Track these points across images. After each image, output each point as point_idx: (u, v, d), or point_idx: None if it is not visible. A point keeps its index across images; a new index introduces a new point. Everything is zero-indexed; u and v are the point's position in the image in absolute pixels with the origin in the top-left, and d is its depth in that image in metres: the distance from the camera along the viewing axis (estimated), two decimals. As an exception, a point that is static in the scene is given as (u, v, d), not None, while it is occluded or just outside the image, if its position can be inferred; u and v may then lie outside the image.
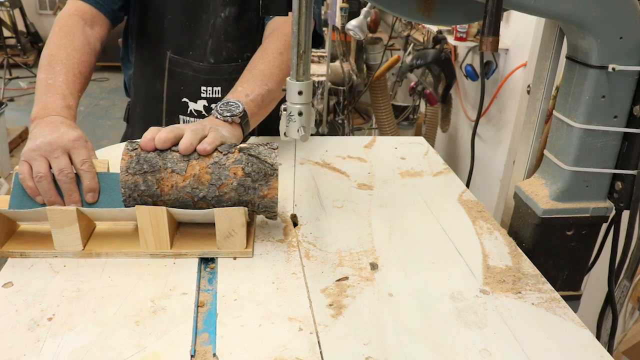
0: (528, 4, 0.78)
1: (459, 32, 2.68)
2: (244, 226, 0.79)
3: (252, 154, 0.79)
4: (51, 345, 0.63)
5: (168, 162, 0.78)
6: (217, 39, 1.26)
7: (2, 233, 0.79)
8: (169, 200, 0.79)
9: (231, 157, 0.79)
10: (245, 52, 1.29)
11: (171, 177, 0.78)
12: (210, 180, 0.78)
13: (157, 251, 0.80)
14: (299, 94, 0.80)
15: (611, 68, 0.81)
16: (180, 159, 0.78)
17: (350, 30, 2.84)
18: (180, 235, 0.84)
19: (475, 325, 0.71)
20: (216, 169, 0.78)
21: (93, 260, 0.79)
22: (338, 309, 0.72)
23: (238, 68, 1.28)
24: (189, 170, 0.78)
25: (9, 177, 3.55)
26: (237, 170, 0.78)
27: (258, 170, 0.78)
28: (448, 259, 0.85)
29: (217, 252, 0.81)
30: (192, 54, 1.27)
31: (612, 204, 0.92)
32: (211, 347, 0.65)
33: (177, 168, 0.78)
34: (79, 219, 0.77)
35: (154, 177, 0.78)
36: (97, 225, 0.86)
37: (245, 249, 0.81)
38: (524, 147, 1.01)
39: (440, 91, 2.94)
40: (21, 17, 6.07)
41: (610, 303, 0.99)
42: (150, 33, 1.28)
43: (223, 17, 1.24)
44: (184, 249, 0.81)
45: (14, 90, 5.33)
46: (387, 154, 1.24)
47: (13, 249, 0.79)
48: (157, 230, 0.78)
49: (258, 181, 0.78)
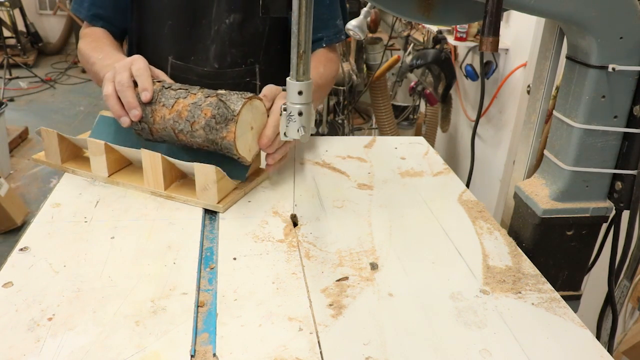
0: (528, 4, 0.78)
1: (459, 32, 2.68)
2: (215, 183, 0.91)
3: (222, 99, 0.91)
4: (51, 345, 0.63)
5: (163, 97, 0.94)
6: (221, 44, 1.27)
7: (65, 154, 1.03)
8: (159, 129, 0.95)
9: (208, 100, 0.92)
10: (248, 57, 1.30)
11: (161, 110, 0.94)
12: (186, 117, 0.92)
13: (155, 190, 0.96)
14: (299, 94, 0.80)
15: (611, 68, 0.81)
16: (173, 95, 0.93)
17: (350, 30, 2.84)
18: (180, 184, 0.99)
19: (475, 325, 0.71)
20: (193, 108, 0.92)
21: (93, 259, 0.79)
22: (338, 309, 0.72)
23: (242, 73, 1.31)
24: (175, 106, 0.93)
25: (9, 177, 3.55)
26: (207, 112, 0.91)
27: (222, 114, 0.90)
28: (448, 259, 0.85)
29: (196, 201, 0.94)
30: (193, 59, 1.28)
31: (612, 204, 0.92)
32: (211, 347, 0.65)
33: (167, 103, 0.93)
34: (107, 151, 0.97)
35: (150, 108, 0.95)
36: (131, 164, 1.04)
37: (217, 204, 0.93)
38: (524, 147, 1.01)
39: (440, 91, 2.94)
40: (21, 17, 6.07)
41: (610, 303, 0.99)
42: (151, 39, 1.30)
43: (227, 23, 1.25)
44: (174, 193, 0.96)
45: (14, 90, 5.33)
46: (387, 154, 1.24)
47: (69, 166, 1.03)
48: (155, 172, 0.95)
49: (220, 123, 0.90)
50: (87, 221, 0.89)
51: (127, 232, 0.87)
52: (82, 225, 0.88)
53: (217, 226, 0.91)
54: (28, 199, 3.32)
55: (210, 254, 0.84)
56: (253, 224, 0.91)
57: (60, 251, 0.81)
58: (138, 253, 0.81)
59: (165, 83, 0.98)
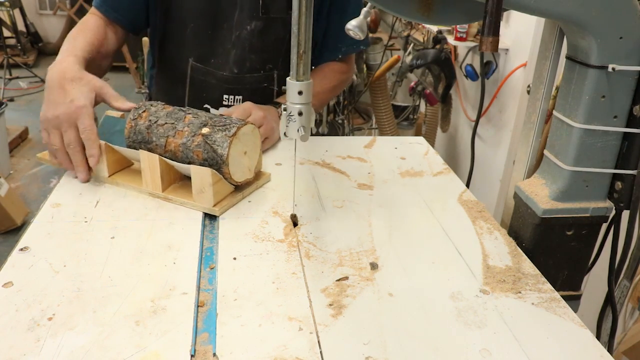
0: (528, 4, 0.78)
1: (459, 32, 2.68)
2: (211, 186, 0.91)
3: (208, 142, 0.91)
4: (51, 345, 0.63)
5: (154, 136, 0.96)
6: (241, 50, 1.27)
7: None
8: None
9: (195, 140, 0.93)
10: (267, 63, 1.31)
11: (157, 149, 0.97)
12: (181, 157, 0.95)
13: (153, 191, 0.97)
14: (299, 94, 0.80)
15: (611, 68, 0.81)
16: (163, 134, 0.95)
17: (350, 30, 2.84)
18: (179, 185, 0.99)
19: (475, 325, 0.71)
20: (184, 149, 0.94)
21: (93, 259, 0.79)
22: (338, 309, 0.72)
23: (260, 79, 1.32)
24: (167, 146, 0.95)
25: (9, 177, 3.55)
26: (199, 154, 0.93)
27: (212, 157, 0.92)
28: (448, 259, 0.85)
29: (192, 204, 0.94)
30: (213, 61, 1.29)
31: (612, 204, 0.92)
32: (211, 346, 0.65)
33: (159, 143, 0.96)
34: (107, 152, 0.98)
35: (145, 147, 0.97)
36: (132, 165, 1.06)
37: (212, 207, 0.93)
38: (524, 147, 1.01)
39: (440, 91, 2.94)
40: (21, 17, 6.07)
41: (610, 303, 0.99)
42: (173, 40, 1.30)
43: (249, 29, 1.26)
44: (171, 195, 0.96)
45: (14, 90, 5.32)
46: (387, 154, 1.24)
47: None
48: (153, 174, 0.95)
49: (213, 166, 0.92)
50: (87, 221, 0.89)
51: (127, 232, 0.87)
52: (82, 225, 0.88)
53: (217, 226, 0.91)
54: (28, 199, 3.32)
55: (210, 254, 0.84)
56: (253, 224, 0.91)
57: (60, 251, 0.81)
58: (138, 253, 0.81)
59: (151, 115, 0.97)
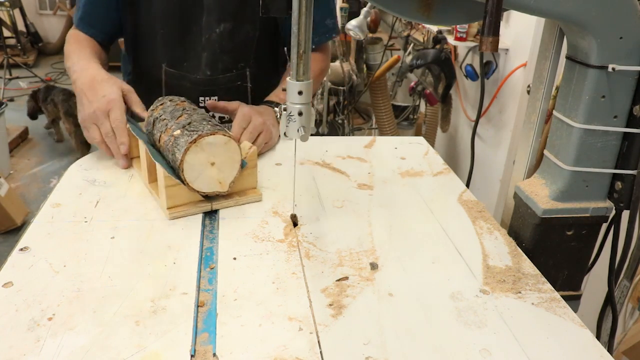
0: (528, 4, 0.78)
1: (459, 32, 2.68)
2: (164, 188, 0.91)
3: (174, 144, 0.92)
4: (51, 345, 0.63)
5: (155, 130, 1.00)
6: (212, 52, 1.30)
7: None
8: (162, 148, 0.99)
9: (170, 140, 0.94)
10: (239, 62, 1.34)
11: (156, 142, 1.00)
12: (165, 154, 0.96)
13: (145, 182, 1.01)
14: (299, 94, 0.80)
15: (611, 68, 0.81)
16: (159, 129, 0.98)
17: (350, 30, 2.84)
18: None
19: (475, 325, 0.71)
20: (166, 147, 0.95)
21: (93, 259, 0.79)
22: (338, 309, 0.72)
23: (233, 78, 1.36)
24: (160, 141, 0.98)
25: (9, 177, 3.55)
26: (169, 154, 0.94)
27: (173, 160, 0.92)
28: (448, 259, 0.85)
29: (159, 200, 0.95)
30: (186, 65, 1.31)
31: (612, 204, 0.92)
32: (211, 347, 0.65)
33: (157, 137, 0.99)
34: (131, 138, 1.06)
35: (151, 139, 1.03)
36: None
37: (166, 209, 0.92)
38: (524, 147, 1.01)
39: (440, 91, 2.94)
40: (21, 17, 6.07)
41: (610, 303, 0.99)
42: (146, 47, 1.33)
43: (218, 32, 1.28)
44: (153, 188, 0.98)
45: (14, 90, 5.32)
46: (387, 154, 1.24)
47: None
48: (142, 165, 1.00)
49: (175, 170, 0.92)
50: (87, 221, 0.89)
51: (127, 232, 0.87)
52: (82, 225, 0.88)
53: (217, 226, 0.91)
54: (28, 199, 3.32)
55: (210, 254, 0.84)
56: (253, 224, 0.91)
57: (60, 251, 0.81)
58: (138, 253, 0.81)
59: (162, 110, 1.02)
